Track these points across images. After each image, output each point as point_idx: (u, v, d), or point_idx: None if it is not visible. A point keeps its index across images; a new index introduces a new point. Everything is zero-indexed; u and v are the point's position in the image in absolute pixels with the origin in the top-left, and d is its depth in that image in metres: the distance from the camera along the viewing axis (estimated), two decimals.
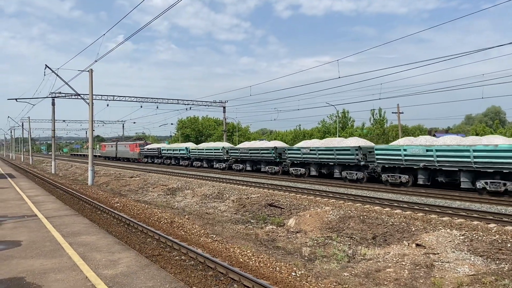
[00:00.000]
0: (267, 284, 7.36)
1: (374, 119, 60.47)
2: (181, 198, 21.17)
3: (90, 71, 27.68)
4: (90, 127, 29.35)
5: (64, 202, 17.87)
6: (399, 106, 44.99)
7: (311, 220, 13.65)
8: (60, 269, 7.35)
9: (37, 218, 12.91)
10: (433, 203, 16.21)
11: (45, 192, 21.40)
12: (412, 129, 73.09)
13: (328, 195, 18.55)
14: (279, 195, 18.66)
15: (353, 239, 11.69)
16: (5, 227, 11.48)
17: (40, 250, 8.81)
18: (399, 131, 46.87)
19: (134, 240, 11.44)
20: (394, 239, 11.22)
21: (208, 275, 8.29)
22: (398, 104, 45.20)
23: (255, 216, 15.67)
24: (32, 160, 68.96)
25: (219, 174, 33.21)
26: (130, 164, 55.29)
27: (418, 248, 9.95)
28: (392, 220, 12.39)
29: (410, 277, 8.47)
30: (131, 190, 25.62)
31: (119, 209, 17.00)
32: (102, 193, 22.96)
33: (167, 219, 14.45)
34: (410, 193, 19.17)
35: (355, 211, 13.91)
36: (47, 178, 33.92)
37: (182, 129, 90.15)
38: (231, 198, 18.95)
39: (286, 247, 11.53)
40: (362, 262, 9.78)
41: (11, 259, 8.09)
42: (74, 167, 47.90)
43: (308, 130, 72.11)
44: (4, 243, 9.46)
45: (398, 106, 44.96)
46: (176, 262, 9.25)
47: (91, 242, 9.55)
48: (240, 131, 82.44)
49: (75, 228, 11.27)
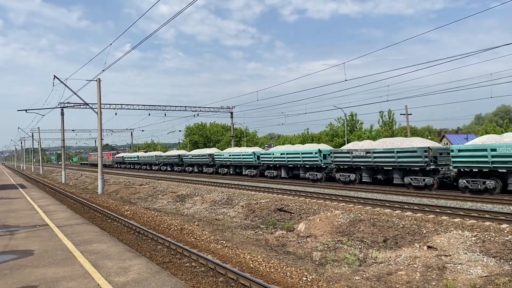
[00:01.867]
0: None
1: (383, 121, 60.28)
2: (191, 205, 21.22)
3: (98, 80, 27.96)
4: (99, 136, 29.58)
5: (75, 211, 18.00)
6: (407, 108, 44.73)
7: (321, 224, 13.61)
8: (72, 277, 7.41)
9: (49, 227, 13.02)
10: (444, 204, 16.08)
11: (56, 202, 21.58)
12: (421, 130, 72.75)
13: (338, 199, 18.48)
14: (288, 199, 18.62)
15: (364, 243, 11.62)
16: (17, 236, 11.60)
17: (52, 258, 8.89)
18: (408, 133, 46.61)
19: (144, 247, 11.49)
20: (405, 241, 11.14)
21: (218, 281, 8.29)
22: (406, 105, 44.94)
23: (264, 221, 15.65)
24: (43, 170, 69.60)
25: (228, 180, 33.19)
26: (139, 172, 55.57)
27: (430, 250, 9.87)
28: (403, 222, 12.31)
29: (422, 280, 8.40)
30: (140, 198, 25.74)
31: (129, 217, 17.08)
32: (112, 201, 23.09)
33: (177, 226, 14.49)
34: (421, 195, 19.03)
35: (365, 214, 13.83)
36: (58, 187, 34.21)
37: (190, 136, 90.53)
38: (240, 203, 18.96)
39: (297, 252, 11.50)
40: (373, 266, 9.72)
41: (24, 268, 8.16)
42: (84, 176, 48.25)
43: (316, 134, 72.06)
44: (17, 253, 9.56)
45: (406, 107, 44.73)
46: (186, 269, 9.27)
47: (102, 250, 9.61)
48: (248, 136, 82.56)
49: (86, 237, 11.34)
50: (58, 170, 65.59)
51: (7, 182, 40.56)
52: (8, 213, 16.61)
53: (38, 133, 70.57)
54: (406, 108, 44.89)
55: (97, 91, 27.99)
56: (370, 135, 59.49)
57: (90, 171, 56.28)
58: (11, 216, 15.85)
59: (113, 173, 50.76)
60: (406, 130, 49.43)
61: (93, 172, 51.82)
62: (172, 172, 49.52)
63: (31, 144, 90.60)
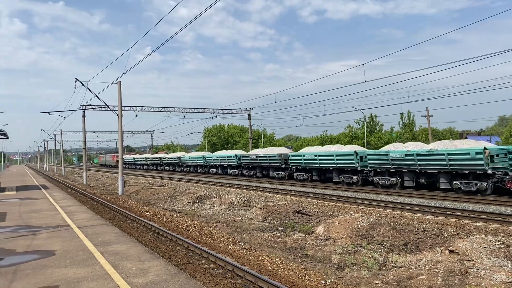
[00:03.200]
0: None
1: (403, 123, 59.45)
2: (209, 206, 21.31)
3: (118, 83, 28.36)
4: (119, 137, 29.99)
5: (96, 212, 18.27)
6: (429, 109, 44.03)
7: (340, 227, 13.48)
8: (93, 278, 7.50)
9: (70, 228, 13.24)
10: (466, 208, 15.74)
11: (77, 203, 21.95)
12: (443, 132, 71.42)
13: (357, 202, 18.29)
14: (306, 202, 18.52)
15: (384, 246, 11.46)
16: (40, 237, 11.83)
17: (73, 259, 9.03)
18: (429, 135, 45.86)
19: (163, 248, 11.58)
20: (426, 245, 10.94)
21: (237, 284, 8.29)
22: (427, 107, 44.23)
23: (282, 223, 15.60)
24: (64, 171, 70.96)
25: (247, 182, 33.17)
26: (160, 173, 56.15)
27: (452, 255, 9.66)
28: (423, 226, 12.10)
29: (444, 285, 8.22)
30: (160, 199, 25.98)
31: (148, 218, 17.25)
32: (132, 202, 23.37)
33: (195, 227, 14.57)
34: (442, 198, 18.68)
35: (385, 217, 13.65)
36: (79, 188, 34.82)
37: (208, 137, 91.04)
38: (258, 205, 18.94)
39: (315, 255, 11.41)
40: (393, 270, 9.57)
41: (46, 268, 8.31)
42: (104, 177, 48.99)
43: (334, 136, 71.48)
44: (39, 253, 9.75)
45: (428, 109, 44.02)
46: (205, 271, 9.30)
47: (122, 251, 9.72)
48: (266, 138, 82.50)
49: (106, 238, 11.49)
50: (79, 171, 66.79)
51: (30, 183, 41.47)
52: (31, 214, 16.97)
53: (60, 135, 72.11)
54: (427, 110, 44.19)
55: (118, 94, 28.41)
56: (391, 137, 58.77)
57: (110, 172, 57.14)
58: (34, 216, 16.19)
59: (134, 174, 51.39)
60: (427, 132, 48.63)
61: (113, 173, 52.58)
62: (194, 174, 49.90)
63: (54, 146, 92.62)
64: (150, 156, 70.58)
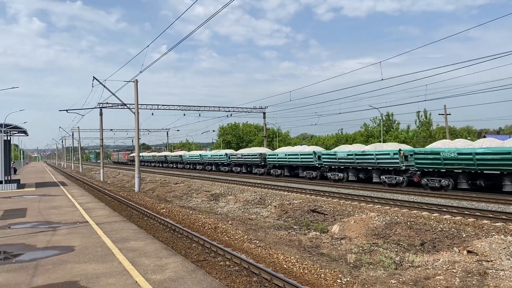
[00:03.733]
0: None
1: (420, 122, 58.76)
2: (224, 204, 21.42)
3: (135, 81, 28.66)
4: (136, 135, 30.33)
5: (113, 209, 18.54)
6: (446, 108, 43.41)
7: (355, 226, 13.42)
8: (111, 274, 7.64)
9: (89, 225, 13.48)
10: (485, 207, 15.50)
11: (94, 199, 22.30)
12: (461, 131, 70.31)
13: (373, 201, 18.16)
14: (321, 200, 18.48)
15: (400, 246, 11.38)
16: (59, 233, 12.07)
17: (92, 255, 9.20)
18: (447, 133, 45.23)
19: (180, 245, 11.70)
20: (443, 245, 10.82)
21: (252, 281, 8.33)
22: (445, 105, 43.61)
23: (297, 222, 15.60)
24: (82, 168, 72.07)
25: (260, 180, 33.19)
26: (175, 170, 56.66)
27: (470, 255, 9.54)
28: (441, 226, 11.97)
29: (462, 285, 8.14)
30: (176, 196, 26.21)
31: (165, 215, 17.43)
32: (149, 199, 23.63)
33: (211, 225, 14.67)
34: (460, 197, 18.43)
35: (401, 217, 13.54)
36: (96, 185, 35.34)
37: (223, 136, 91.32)
38: (273, 204, 18.96)
39: (331, 253, 11.39)
40: (410, 269, 9.50)
41: (66, 263, 8.49)
42: (121, 174, 49.60)
43: (350, 134, 71.02)
44: (59, 248, 9.95)
45: (445, 107, 43.42)
46: (221, 268, 9.37)
47: (139, 248, 9.86)
48: (280, 136, 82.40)
49: (124, 234, 11.67)
50: (96, 169, 67.77)
51: (49, 179, 42.25)
52: (51, 210, 17.31)
53: (78, 132, 73.24)
54: (444, 108, 43.60)
55: (134, 92, 28.71)
56: (407, 136, 58.13)
57: (127, 170, 57.82)
58: (53, 212, 16.52)
59: (150, 172, 51.93)
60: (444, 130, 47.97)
61: (129, 170, 53.21)
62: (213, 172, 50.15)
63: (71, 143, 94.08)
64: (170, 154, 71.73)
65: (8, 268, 8.19)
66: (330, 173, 30.13)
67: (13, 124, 31.95)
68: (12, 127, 31.83)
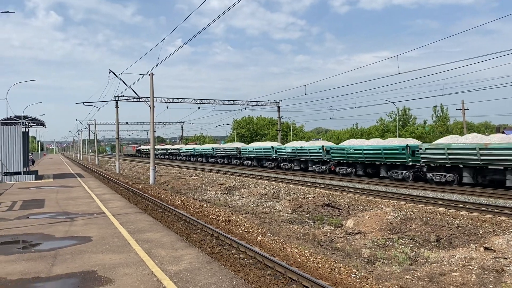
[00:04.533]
0: (326, 284, 7.32)
1: (437, 116, 57.97)
2: (238, 197, 21.51)
3: (151, 75, 28.87)
4: (151, 128, 30.59)
5: (129, 200, 18.78)
6: (464, 102, 42.74)
7: (370, 221, 13.36)
8: (128, 264, 7.76)
9: (105, 216, 13.69)
10: (503, 204, 15.27)
11: (111, 191, 22.60)
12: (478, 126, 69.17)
13: (388, 196, 18.04)
14: (336, 195, 18.42)
15: (416, 241, 11.30)
16: (77, 223, 12.29)
17: (109, 245, 9.35)
18: (464, 128, 44.57)
19: (194, 237, 11.81)
20: (460, 242, 10.71)
21: (266, 274, 8.38)
22: (462, 100, 42.99)
23: (311, 216, 15.59)
24: (98, 160, 73.02)
25: (272, 174, 33.24)
26: (189, 163, 57.04)
27: (487, 252, 9.43)
28: (457, 222, 11.84)
29: (478, 282, 8.06)
30: (190, 189, 26.41)
31: (179, 207, 17.59)
32: (163, 191, 23.87)
33: (225, 218, 14.76)
34: (477, 193, 18.18)
35: (417, 212, 13.43)
36: (112, 177, 35.80)
37: (237, 129, 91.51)
38: (287, 198, 18.98)
39: (345, 248, 11.38)
40: (425, 265, 9.43)
41: (84, 253, 8.65)
42: (136, 167, 50.13)
43: (365, 129, 70.43)
44: (77, 239, 10.14)
45: (463, 102, 42.77)
46: (235, 260, 9.44)
47: (155, 239, 9.99)
48: (295, 130, 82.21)
49: (140, 225, 11.82)
50: (112, 161, 68.60)
51: (66, 171, 42.94)
52: (68, 201, 17.62)
53: (94, 125, 74.16)
54: (462, 103, 42.95)
55: (150, 85, 28.93)
56: (423, 131, 57.42)
57: (142, 162, 58.40)
58: (70, 203, 16.81)
59: (164, 164, 52.37)
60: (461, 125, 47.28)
61: (144, 163, 53.74)
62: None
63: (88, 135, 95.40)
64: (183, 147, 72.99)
65: (28, 257, 8.38)
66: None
67: (31, 116, 32.54)
68: (30, 119, 32.41)
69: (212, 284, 6.60)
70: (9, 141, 27.17)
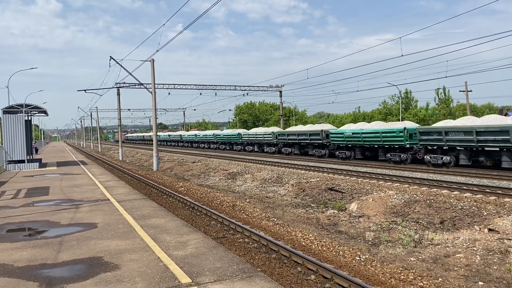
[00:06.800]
0: (331, 267, 7.36)
1: (439, 99, 57.60)
2: (241, 182, 21.56)
3: (151, 61, 28.69)
4: (153, 115, 30.55)
5: (133, 187, 18.85)
6: (468, 84, 42.40)
7: (374, 204, 13.39)
8: (134, 250, 7.81)
9: (110, 202, 13.76)
10: (507, 185, 15.26)
11: (114, 178, 22.68)
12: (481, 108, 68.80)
13: (392, 179, 18.04)
14: (339, 179, 18.43)
15: (420, 224, 11.32)
16: (82, 210, 12.36)
17: (114, 232, 9.40)
18: (467, 110, 44.32)
19: (199, 222, 11.87)
20: (463, 223, 10.73)
21: (271, 258, 8.43)
22: (466, 81, 42.58)
23: (315, 200, 15.63)
24: (101, 147, 73.18)
25: (275, 159, 33.25)
26: (191, 150, 57.13)
27: (491, 233, 9.45)
28: (461, 204, 11.84)
29: (483, 263, 8.09)
30: (193, 175, 26.47)
31: (183, 193, 17.65)
32: (167, 178, 23.94)
33: (229, 203, 14.81)
34: (481, 175, 18.16)
35: (421, 195, 13.44)
36: (116, 164, 35.90)
37: (239, 115, 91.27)
38: (290, 182, 19.01)
39: (349, 231, 11.42)
40: (429, 247, 9.47)
41: (90, 240, 8.71)
42: (139, 153, 50.23)
43: (368, 112, 70.15)
44: (82, 225, 10.21)
45: (466, 83, 42.41)
46: (240, 245, 9.49)
47: (160, 225, 10.04)
48: (297, 115, 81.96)
49: (144, 211, 11.88)
50: (115, 148, 68.78)
51: (70, 159, 43.07)
52: (73, 188, 17.70)
53: (96, 112, 74.11)
54: (465, 85, 42.61)
55: (151, 71, 28.78)
56: (426, 113, 57.15)
57: (145, 149, 58.50)
58: (75, 191, 16.89)
59: (167, 151, 52.46)
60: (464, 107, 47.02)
61: (147, 149, 53.85)
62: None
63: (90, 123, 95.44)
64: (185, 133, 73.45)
65: (34, 244, 8.45)
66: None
67: (34, 104, 32.47)
68: (33, 107, 32.36)
69: (218, 269, 6.64)
70: (12, 129, 27.19)
